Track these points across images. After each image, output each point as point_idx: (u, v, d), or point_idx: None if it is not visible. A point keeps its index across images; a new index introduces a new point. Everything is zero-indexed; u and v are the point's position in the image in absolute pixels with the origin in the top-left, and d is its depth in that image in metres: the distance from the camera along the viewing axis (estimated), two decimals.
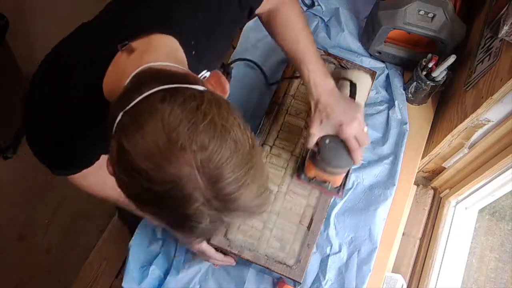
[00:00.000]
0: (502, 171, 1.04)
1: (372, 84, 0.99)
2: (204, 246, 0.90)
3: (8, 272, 1.77)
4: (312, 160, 0.89)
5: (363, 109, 0.88)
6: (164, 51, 0.62)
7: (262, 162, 0.54)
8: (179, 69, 0.59)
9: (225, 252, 0.92)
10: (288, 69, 1.09)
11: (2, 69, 1.68)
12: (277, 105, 1.05)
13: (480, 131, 1.06)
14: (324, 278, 0.97)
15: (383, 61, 1.21)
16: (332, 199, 1.00)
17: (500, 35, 0.91)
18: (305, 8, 1.27)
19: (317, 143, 0.86)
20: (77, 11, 0.68)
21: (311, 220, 0.94)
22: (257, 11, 0.87)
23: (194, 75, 0.57)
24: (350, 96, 0.92)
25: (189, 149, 0.47)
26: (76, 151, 0.70)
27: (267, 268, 0.90)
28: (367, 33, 1.18)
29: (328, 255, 0.99)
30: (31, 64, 0.70)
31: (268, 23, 0.90)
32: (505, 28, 0.89)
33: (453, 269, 1.20)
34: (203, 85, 0.54)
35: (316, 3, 1.27)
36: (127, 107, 0.51)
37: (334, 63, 1.11)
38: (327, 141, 0.86)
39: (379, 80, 1.19)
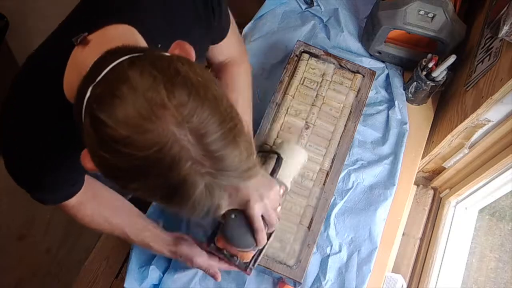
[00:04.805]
0: (502, 171, 1.04)
1: (306, 157, 0.96)
2: (208, 262, 0.88)
3: (8, 271, 1.77)
4: (221, 232, 0.83)
5: (289, 184, 0.85)
6: (123, 38, 0.59)
7: (243, 124, 0.51)
8: (142, 45, 0.58)
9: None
10: (289, 66, 1.09)
11: (2, 69, 1.68)
12: (276, 105, 1.05)
13: (480, 131, 1.05)
14: (325, 278, 0.97)
15: (383, 61, 1.21)
16: (333, 199, 1.00)
17: (500, 35, 0.91)
18: (304, 7, 1.27)
19: (224, 216, 0.80)
20: None
21: (311, 220, 0.94)
22: (211, 58, 0.87)
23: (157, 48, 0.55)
24: (271, 172, 0.86)
25: (170, 104, 0.45)
26: (60, 168, 0.67)
27: (268, 268, 0.90)
28: (367, 33, 1.18)
29: (328, 255, 0.99)
30: None
31: (216, 75, 0.89)
32: (505, 28, 0.89)
33: (453, 269, 1.20)
34: None
35: (315, 3, 1.27)
36: (95, 81, 0.48)
37: (334, 63, 1.11)
38: (233, 216, 0.79)
39: (379, 80, 1.19)
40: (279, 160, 0.87)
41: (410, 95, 1.15)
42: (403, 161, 1.08)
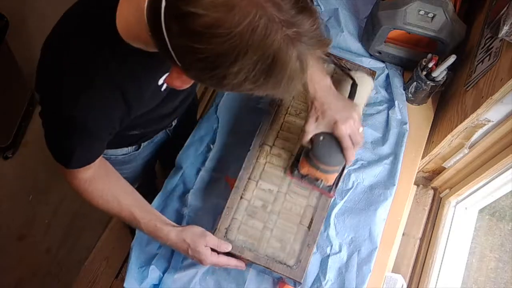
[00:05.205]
0: (502, 171, 1.04)
1: (373, 87, 0.99)
2: (217, 258, 0.89)
3: (8, 272, 1.77)
4: (306, 157, 0.89)
5: (361, 110, 0.88)
6: None
7: None
8: None
9: (234, 256, 0.92)
10: None
11: (2, 69, 1.68)
12: (277, 105, 1.05)
13: (480, 131, 1.06)
14: (325, 278, 0.97)
15: (383, 61, 1.21)
16: (332, 200, 1.00)
17: (500, 35, 0.91)
18: None
19: (311, 140, 0.87)
20: None
21: (312, 220, 0.94)
22: None
23: None
24: (349, 96, 0.90)
25: None
26: (90, 116, 0.70)
27: (268, 268, 0.90)
28: (367, 33, 1.18)
29: (328, 255, 0.99)
30: (31, 64, 0.70)
31: None
32: (505, 28, 0.89)
33: (453, 269, 1.20)
34: None
35: (315, 3, 1.27)
36: None
37: (334, 63, 1.11)
38: (321, 138, 0.86)
39: (379, 80, 1.19)
40: (354, 86, 0.91)
41: (410, 95, 1.15)
42: (403, 161, 1.08)
